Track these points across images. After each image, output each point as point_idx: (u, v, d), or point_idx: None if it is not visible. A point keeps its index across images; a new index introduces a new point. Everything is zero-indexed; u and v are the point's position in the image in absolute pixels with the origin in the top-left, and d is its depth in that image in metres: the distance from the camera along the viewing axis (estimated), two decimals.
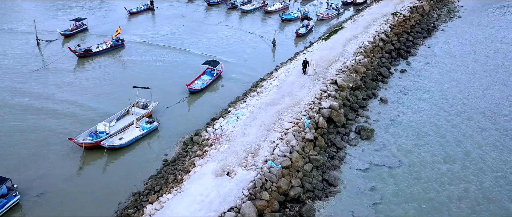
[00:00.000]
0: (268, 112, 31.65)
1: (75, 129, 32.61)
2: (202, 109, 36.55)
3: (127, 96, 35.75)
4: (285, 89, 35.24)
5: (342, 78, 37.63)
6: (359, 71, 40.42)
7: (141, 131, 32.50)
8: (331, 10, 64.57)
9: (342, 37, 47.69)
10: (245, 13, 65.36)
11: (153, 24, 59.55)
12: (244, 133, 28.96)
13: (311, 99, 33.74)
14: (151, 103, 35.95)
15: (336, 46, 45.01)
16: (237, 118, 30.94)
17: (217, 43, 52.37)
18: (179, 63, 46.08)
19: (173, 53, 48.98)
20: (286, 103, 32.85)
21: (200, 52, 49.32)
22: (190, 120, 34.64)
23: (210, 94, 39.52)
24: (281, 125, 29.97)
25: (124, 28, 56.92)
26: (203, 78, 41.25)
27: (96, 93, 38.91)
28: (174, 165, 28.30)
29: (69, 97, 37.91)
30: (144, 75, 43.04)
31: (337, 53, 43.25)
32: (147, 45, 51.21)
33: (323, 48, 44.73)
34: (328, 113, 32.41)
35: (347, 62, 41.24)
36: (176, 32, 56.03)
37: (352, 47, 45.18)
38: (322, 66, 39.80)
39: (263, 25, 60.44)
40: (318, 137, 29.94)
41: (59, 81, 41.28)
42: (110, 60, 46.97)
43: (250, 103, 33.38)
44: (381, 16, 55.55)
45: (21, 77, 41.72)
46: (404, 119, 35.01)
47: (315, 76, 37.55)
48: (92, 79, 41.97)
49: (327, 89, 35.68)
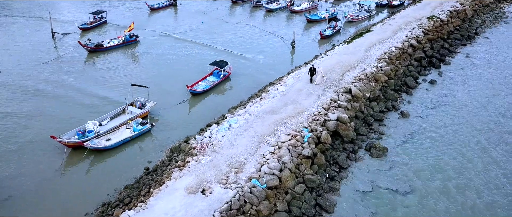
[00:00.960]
0: (265, 121, 28.39)
1: (65, 127, 30.88)
2: (202, 113, 33.85)
3: (129, 94, 33.86)
4: (290, 96, 31.79)
5: (358, 87, 33.60)
6: (380, 80, 36.14)
7: (132, 133, 30.29)
8: (362, 12, 59.97)
9: (366, 42, 43.39)
10: (269, 12, 62.14)
11: (171, 21, 57.68)
12: (233, 144, 25.88)
13: (317, 109, 30.09)
14: (149, 103, 33.74)
15: (357, 51, 40.85)
16: (229, 126, 27.92)
17: (233, 42, 49.55)
18: (190, 62, 43.67)
19: (185, 51, 46.69)
20: (287, 113, 29.43)
21: (214, 51, 46.70)
22: (186, 124, 32.05)
23: (214, 97, 36.75)
24: (277, 137, 26.62)
25: (142, 23, 55.51)
26: (208, 79, 38.55)
27: (95, 91, 37.20)
28: (153, 174, 25.75)
29: (64, 94, 36.46)
30: (150, 73, 41.06)
31: (357, 58, 39.13)
32: (161, 42, 49.26)
33: (342, 52, 40.72)
34: (334, 126, 28.64)
35: (367, 69, 37.08)
36: (193, 30, 53.76)
37: (375, 52, 40.84)
38: (337, 73, 35.92)
39: (287, 25, 56.96)
40: (318, 153, 26.30)
41: (59, 76, 40.02)
42: (120, 56, 45.37)
43: (248, 110, 30.25)
44: (414, 20, 50.49)
45: (21, 71, 40.82)
46: (426, 138, 30.55)
47: (326, 84, 33.77)
48: (95, 76, 40.42)
49: (338, 98, 31.84)
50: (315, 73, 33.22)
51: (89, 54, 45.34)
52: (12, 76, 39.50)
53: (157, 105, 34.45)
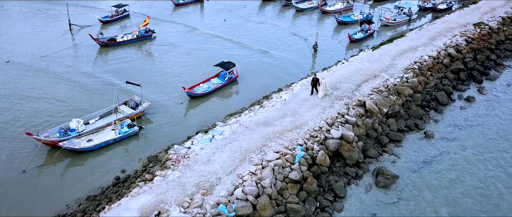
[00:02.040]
0: (254, 133, 24.76)
1: (55, 122, 29.16)
2: (197, 118, 30.82)
3: (129, 92, 31.97)
4: (291, 107, 27.91)
5: (375, 100, 29.03)
6: (403, 93, 31.24)
7: (117, 135, 27.86)
8: (401, 16, 54.31)
9: (395, 48, 38.33)
10: (299, 12, 58.05)
11: (193, 18, 55.14)
12: (210, 159, 22.52)
13: (319, 124, 26.00)
14: (143, 104, 31.26)
15: (382, 58, 36.00)
16: (212, 137, 24.57)
17: (252, 43, 46.10)
18: (201, 61, 40.78)
19: (199, 50, 43.92)
20: (282, 126, 25.61)
21: (229, 50, 43.59)
22: (177, 130, 29.23)
23: (215, 101, 33.59)
24: (263, 155, 22.93)
25: (163, 19, 53.56)
26: (212, 81, 35.44)
27: (95, 86, 35.35)
28: (121, 186, 23.03)
29: (62, 88, 34.84)
30: (156, 70, 38.77)
31: (381, 67, 34.35)
32: (177, 39, 46.83)
33: (365, 59, 36.05)
34: (335, 146, 24.46)
35: (389, 80, 32.27)
36: (213, 28, 50.91)
37: (404, 61, 35.78)
38: (353, 82, 31.46)
39: (315, 26, 52.63)
40: (309, 177, 22.30)
41: (62, 69, 38.62)
42: (132, 51, 43.45)
43: (240, 120, 26.76)
44: (457, 26, 44.46)
45: (28, 62, 39.90)
46: (449, 167, 25.57)
47: (337, 94, 29.51)
48: (99, 71, 38.64)
49: (348, 112, 27.51)
50: (319, 84, 28.91)
51: (101, 49, 43.80)
52: (18, 66, 38.74)
53: (153, 106, 31.94)
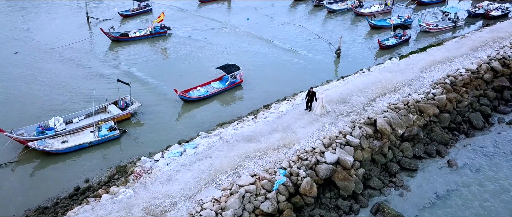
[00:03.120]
0: (233, 150, 21.27)
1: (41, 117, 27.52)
2: (186, 126, 27.89)
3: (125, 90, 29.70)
4: (285, 120, 24.11)
5: (389, 119, 24.51)
6: (427, 112, 26.35)
7: (95, 138, 25.49)
8: (445, 22, 48.25)
9: (426, 58, 33.16)
10: (331, 13, 53.51)
11: (216, 15, 52.13)
12: (171, 177, 19.33)
13: (314, 143, 22.00)
14: (133, 104, 28.80)
15: (408, 69, 31.09)
16: (184, 152, 21.35)
17: (271, 45, 42.46)
18: (212, 62, 37.66)
19: (212, 50, 40.93)
20: (269, 143, 21.91)
21: (243, 53, 40.33)
22: (162, 137, 26.39)
23: (211, 107, 30.41)
24: (235, 177, 19.39)
25: (183, 16, 51.29)
26: (213, 85, 32.29)
27: (91, 84, 33.36)
28: (75, 199, 20.45)
29: (55, 83, 33.27)
30: (160, 69, 36.33)
31: (404, 79, 29.53)
32: (192, 38, 44.08)
33: (387, 69, 31.32)
34: (327, 172, 20.41)
35: (411, 96, 27.45)
36: (233, 27, 47.79)
37: (434, 74, 30.65)
38: (366, 96, 27.03)
39: (345, 29, 48.00)
40: (286, 210, 18.49)
41: (63, 64, 37.12)
42: (142, 48, 41.32)
43: (223, 132, 23.34)
44: (508, 36, 38.22)
45: (36, 54, 38.91)
46: (468, 204, 20.65)
47: (344, 109, 25.28)
48: (102, 66, 36.80)
49: (352, 132, 23.24)
50: (315, 99, 24.68)
51: (112, 44, 42.10)
52: (25, 57, 37.87)
53: (145, 107, 29.41)
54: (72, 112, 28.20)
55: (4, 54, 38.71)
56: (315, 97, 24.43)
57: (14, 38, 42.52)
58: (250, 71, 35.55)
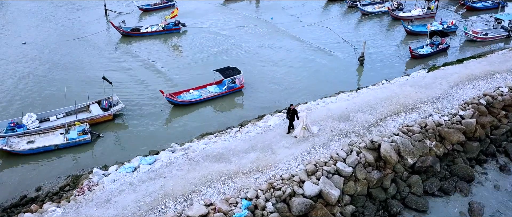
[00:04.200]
0: (194, 170, 17.93)
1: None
2: (168, 133, 25.00)
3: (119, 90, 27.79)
4: (268, 137, 20.41)
5: (397, 145, 20.04)
6: (449, 138, 21.49)
7: (64, 141, 23.20)
8: (497, 30, 41.85)
9: (461, 72, 27.91)
10: (365, 15, 48.55)
11: (239, 14, 49.09)
12: (111, 198, 16.34)
13: (295, 169, 18.14)
14: (116, 105, 26.39)
15: (435, 84, 26.12)
16: (138, 167, 18.31)
17: (289, 47, 38.61)
18: (220, 64, 34.57)
19: (224, 51, 37.81)
20: (240, 164, 18.33)
21: (254, 55, 36.93)
22: (139, 144, 23.65)
23: (202, 114, 27.23)
24: (185, 206, 16.05)
25: (203, 13, 48.65)
26: (208, 89, 29.13)
27: (87, 80, 31.43)
28: (13, 212, 18.03)
29: (48, 77, 31.72)
30: (165, 68, 33.79)
31: (427, 96, 24.68)
32: (208, 36, 41.26)
33: (410, 82, 26.52)
34: (302, 208, 16.53)
35: (432, 117, 22.64)
36: (254, 27, 44.41)
37: (467, 91, 25.45)
38: (376, 114, 22.62)
39: (377, 34, 43.06)
40: None
41: (65, 57, 35.61)
42: (152, 44, 39.09)
43: (192, 147, 20.07)
44: None
45: (44, 45, 37.84)
46: None
47: (342, 128, 21.10)
48: (104, 62, 34.92)
49: (346, 158, 19.08)
50: (297, 118, 20.54)
51: (121, 38, 40.27)
52: (33, 48, 36.94)
53: (131, 109, 26.99)
54: (59, 107, 26.24)
55: (14, 44, 38.02)
56: (296, 116, 20.36)
57: (30, 27, 42.00)
58: (256, 75, 32.08)
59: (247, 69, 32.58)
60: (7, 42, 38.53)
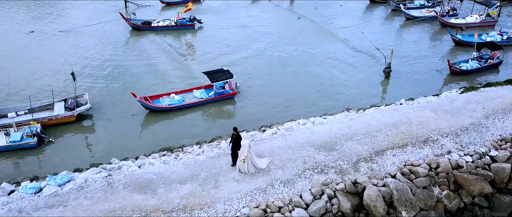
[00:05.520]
0: (105, 201, 14.14)
1: None
2: (134, 142, 21.53)
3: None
4: (218, 164, 16.12)
5: (390, 190, 14.84)
6: (468, 188, 15.76)
7: (5, 143, 20.53)
8: None
9: (506, 97, 21.48)
10: (410, 20, 41.98)
11: (266, 12, 44.49)
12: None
13: (234, 213, 13.65)
14: (83, 106, 23.49)
15: (466, 110, 20.12)
16: (45, 187, 14.83)
17: (310, 52, 33.70)
18: (226, 66, 30.71)
19: (236, 51, 33.87)
20: (164, 199, 14.27)
21: (266, 58, 32.64)
22: (91, 153, 20.51)
23: (180, 122, 23.48)
24: None
25: (226, 9, 44.98)
26: (194, 94, 25.28)
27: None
28: None
29: (37, 69, 29.58)
30: (166, 67, 30.63)
31: (451, 125, 18.85)
32: (223, 35, 37.45)
33: (431, 106, 20.71)
34: None
35: (450, 156, 16.92)
36: (277, 27, 39.94)
37: (509, 124, 19.18)
38: (374, 143, 17.37)
39: (419, 42, 36.70)
40: None
41: (63, 46, 33.72)
42: (162, 40, 36.08)
43: (122, 169, 16.26)
44: None
45: (46, 33, 36.36)
46: None
47: (314, 162, 16.18)
48: (101, 54, 32.51)
49: (311, 204, 14.23)
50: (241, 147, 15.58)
51: (132, 31, 37.77)
52: (39, 36, 35.67)
53: (103, 111, 24.02)
54: (37, 101, 24.01)
55: (22, 30, 36.97)
56: (239, 142, 15.67)
57: (45, 15, 40.98)
58: (259, 82, 27.90)
59: (251, 74, 28.52)
60: (17, 29, 37.56)
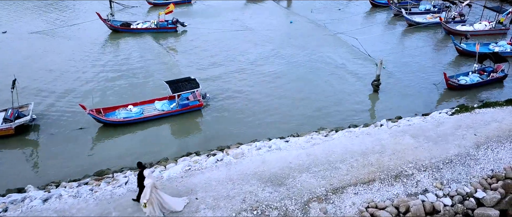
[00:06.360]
0: None
1: None
2: (76, 162, 19.14)
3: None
4: (134, 203, 13.42)
5: None
6: None
7: None
8: None
9: (503, 122, 18.29)
10: (412, 26, 38.70)
11: (258, 15, 41.90)
12: None
13: None
14: (25, 117, 21.22)
15: (454, 137, 17.05)
16: None
17: (294, 61, 30.93)
18: (203, 73, 28.32)
19: (218, 60, 31.34)
20: None
21: (245, 66, 29.95)
22: (14, 177, 18.04)
23: (136, 138, 21.05)
24: None
25: (218, 12, 42.56)
26: (156, 105, 22.77)
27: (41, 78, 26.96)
28: None
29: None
30: (136, 75, 28.26)
31: (431, 156, 15.83)
32: (208, 39, 34.96)
33: (411, 130, 17.68)
34: None
35: (425, 196, 13.95)
36: (265, 31, 37.26)
37: (503, 155, 16.06)
38: (333, 177, 14.51)
39: (418, 51, 33.49)
40: None
41: (37, 49, 31.64)
42: (139, 43, 33.89)
43: (25, 201, 13.81)
44: None
45: (19, 35, 34.55)
46: None
47: (238, 207, 13.44)
48: (68, 59, 30.37)
49: None
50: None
51: (111, 33, 35.62)
52: (11, 37, 33.81)
53: (52, 124, 21.64)
54: None
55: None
56: (143, 175, 12.91)
57: (20, 16, 39.19)
58: (235, 92, 25.33)
59: (227, 84, 26.08)
60: None
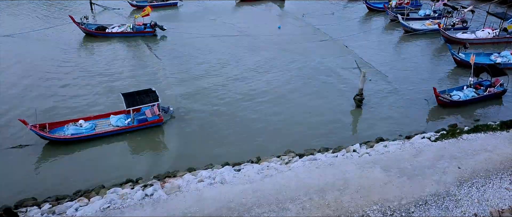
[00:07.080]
0: None
1: None
2: (12, 187, 16.88)
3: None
4: None
5: None
6: None
7: None
8: None
9: (495, 151, 15.63)
10: (409, 33, 36.02)
11: (245, 19, 39.71)
12: None
13: None
14: None
15: (431, 171, 14.49)
16: None
17: (279, 70, 28.61)
18: (175, 83, 26.21)
19: (196, 66, 29.19)
20: None
21: (224, 77, 27.77)
22: None
23: (86, 156, 18.85)
24: None
25: (204, 15, 40.58)
26: (111, 120, 20.53)
27: None
28: None
29: None
30: (107, 82, 26.19)
31: (402, 195, 13.31)
32: (189, 44, 32.93)
33: (383, 160, 15.15)
34: None
35: None
36: (254, 35, 35.03)
37: (491, 194, 13.45)
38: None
39: (412, 61, 30.90)
40: None
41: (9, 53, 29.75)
42: (109, 49, 31.89)
43: None
44: None
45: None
46: None
47: None
48: (35, 64, 28.42)
49: None
50: None
51: (85, 37, 33.67)
52: None
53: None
54: None
55: None
56: None
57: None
58: (205, 106, 23.10)
59: (196, 96, 24.03)
60: None
